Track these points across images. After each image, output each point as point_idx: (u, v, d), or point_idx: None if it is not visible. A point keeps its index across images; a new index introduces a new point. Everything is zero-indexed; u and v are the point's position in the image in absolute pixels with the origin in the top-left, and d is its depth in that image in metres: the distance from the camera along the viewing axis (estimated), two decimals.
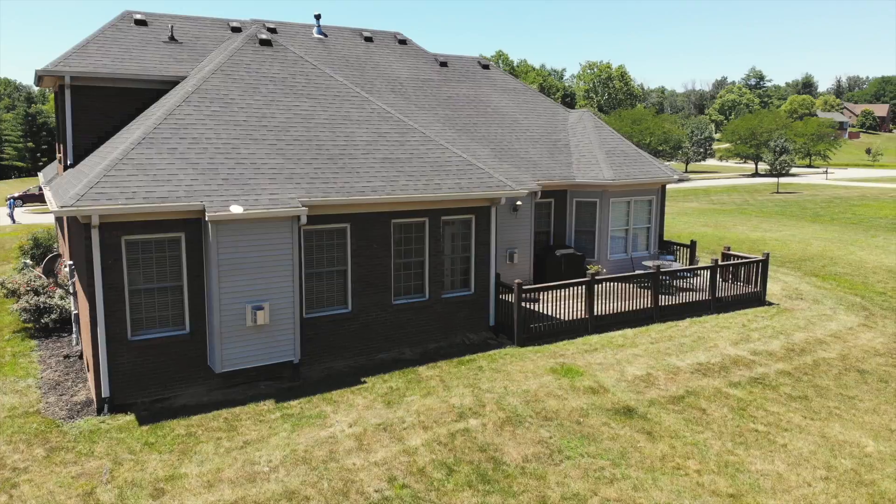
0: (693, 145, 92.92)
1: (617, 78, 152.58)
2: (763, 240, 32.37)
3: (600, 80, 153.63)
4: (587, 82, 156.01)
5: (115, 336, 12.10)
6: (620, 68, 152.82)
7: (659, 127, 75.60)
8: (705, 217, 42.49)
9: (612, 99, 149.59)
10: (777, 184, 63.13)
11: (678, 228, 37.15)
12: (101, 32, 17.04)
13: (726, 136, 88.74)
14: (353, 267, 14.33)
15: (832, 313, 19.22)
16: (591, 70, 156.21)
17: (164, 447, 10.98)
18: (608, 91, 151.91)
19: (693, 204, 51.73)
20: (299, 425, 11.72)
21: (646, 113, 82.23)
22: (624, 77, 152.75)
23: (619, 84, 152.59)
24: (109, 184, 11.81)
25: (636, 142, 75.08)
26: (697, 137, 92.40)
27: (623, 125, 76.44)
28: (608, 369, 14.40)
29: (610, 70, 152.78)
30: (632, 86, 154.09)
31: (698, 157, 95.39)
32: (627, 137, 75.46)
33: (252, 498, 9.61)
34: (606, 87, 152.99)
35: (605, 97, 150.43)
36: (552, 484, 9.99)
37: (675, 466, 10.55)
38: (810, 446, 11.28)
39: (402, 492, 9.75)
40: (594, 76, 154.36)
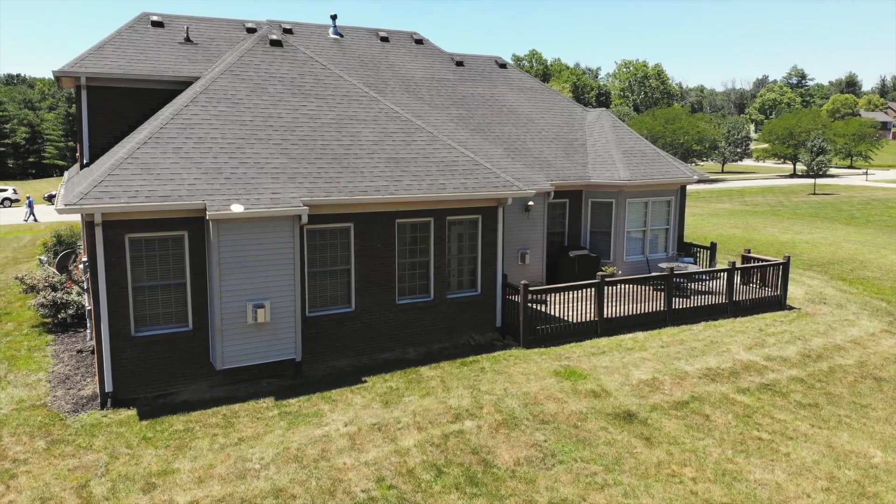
0: (729, 145, 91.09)
1: (653, 76, 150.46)
2: (793, 242, 31.55)
3: (636, 78, 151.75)
4: (623, 81, 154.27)
5: (118, 332, 12.32)
6: (657, 67, 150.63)
7: (693, 126, 74.19)
8: (736, 218, 41.60)
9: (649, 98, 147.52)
10: (814, 185, 61.49)
11: (707, 230, 36.47)
12: (118, 34, 17.40)
13: (764, 135, 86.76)
14: (357, 266, 14.36)
15: (855, 318, 18.62)
16: (626, 69, 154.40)
17: (160, 442, 11.15)
18: (644, 90, 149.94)
19: (725, 205, 50.70)
20: (295, 423, 11.78)
21: (680, 112, 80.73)
22: (660, 76, 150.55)
23: (656, 83, 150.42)
24: (113, 183, 12.03)
25: (669, 141, 73.91)
26: (734, 137, 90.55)
27: (656, 124, 75.29)
28: (613, 373, 14.16)
29: (646, 69, 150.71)
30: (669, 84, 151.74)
31: (735, 157, 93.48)
32: (660, 137, 74.42)
33: (240, 495, 9.69)
34: (643, 85, 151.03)
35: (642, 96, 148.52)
36: (541, 488, 9.86)
37: (670, 473, 10.31)
38: (814, 456, 10.92)
39: (389, 492, 9.72)
40: (630, 75, 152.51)
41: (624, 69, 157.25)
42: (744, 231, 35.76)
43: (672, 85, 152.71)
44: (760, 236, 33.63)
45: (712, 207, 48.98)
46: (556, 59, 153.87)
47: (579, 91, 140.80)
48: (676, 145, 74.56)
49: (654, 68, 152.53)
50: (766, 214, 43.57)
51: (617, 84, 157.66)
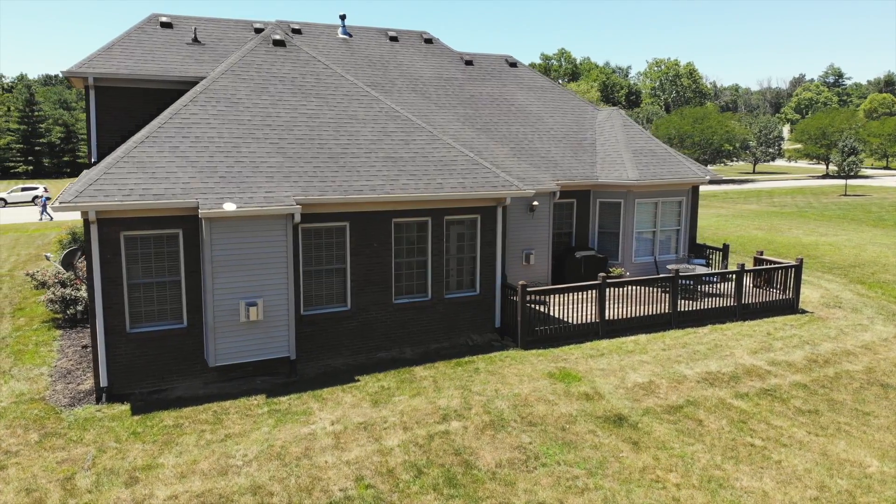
0: (761, 145, 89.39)
1: (685, 75, 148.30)
2: (816, 244, 30.81)
3: (667, 77, 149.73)
4: (654, 80, 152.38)
5: (113, 328, 12.53)
6: (689, 65, 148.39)
7: (722, 126, 72.89)
8: (761, 220, 40.77)
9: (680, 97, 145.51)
10: (845, 186, 59.95)
11: (729, 231, 35.84)
12: (127, 34, 17.71)
13: (796, 135, 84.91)
14: (353, 265, 14.39)
15: (869, 323, 18.09)
16: (657, 67, 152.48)
17: (148, 437, 11.30)
18: (676, 89, 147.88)
19: (752, 206, 49.74)
20: (283, 421, 11.85)
21: (709, 111, 79.39)
22: (692, 74, 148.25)
23: (688, 81, 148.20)
24: (109, 181, 12.24)
25: (697, 141, 72.77)
26: (766, 137, 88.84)
27: (684, 123, 74.18)
28: (609, 375, 13.97)
29: (678, 67, 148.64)
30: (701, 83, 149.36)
31: (767, 157, 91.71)
32: (688, 136, 73.29)
33: (218, 491, 9.77)
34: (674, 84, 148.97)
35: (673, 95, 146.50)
36: (519, 491, 9.75)
37: (653, 479, 10.12)
38: (807, 464, 10.62)
39: (366, 492, 9.71)
40: (661, 74, 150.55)
41: (655, 68, 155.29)
42: (767, 233, 35.04)
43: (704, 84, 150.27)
44: (783, 238, 32.91)
45: (738, 208, 48.11)
46: (585, 57, 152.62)
47: (608, 90, 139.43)
48: (705, 145, 73.37)
49: (686, 67, 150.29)
50: (792, 216, 42.63)
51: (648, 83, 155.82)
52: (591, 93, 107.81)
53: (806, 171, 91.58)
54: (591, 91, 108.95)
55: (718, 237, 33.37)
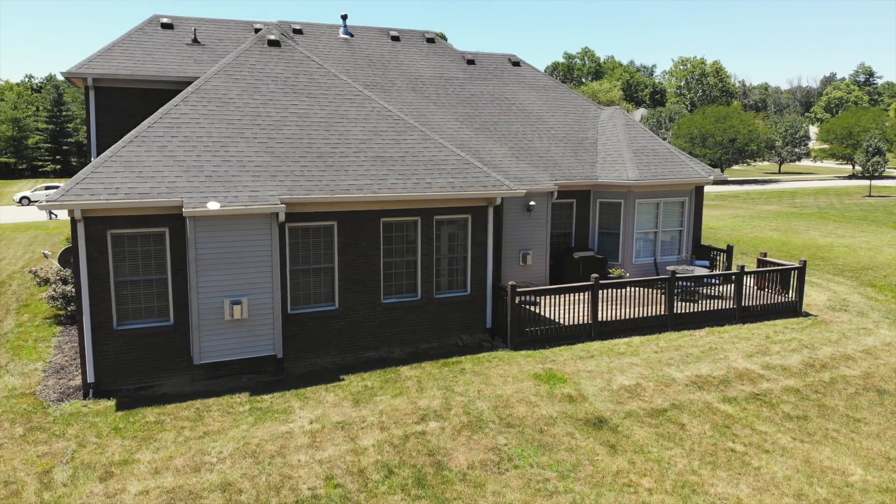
0: (787, 145, 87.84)
1: (711, 74, 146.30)
2: (831, 246, 30.17)
3: (693, 76, 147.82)
4: (679, 79, 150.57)
5: (100, 325, 12.72)
6: (715, 64, 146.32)
7: (745, 125, 71.71)
8: (779, 221, 40.05)
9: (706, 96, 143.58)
10: (870, 187, 58.62)
11: (744, 232, 35.27)
12: (128, 36, 17.96)
13: (822, 135, 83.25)
14: (340, 265, 14.42)
15: (873, 327, 17.65)
16: (683, 66, 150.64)
17: (129, 433, 11.45)
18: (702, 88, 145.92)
19: (773, 207, 48.89)
20: (262, 419, 11.92)
21: (732, 110, 78.14)
22: (719, 73, 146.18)
23: (714, 80, 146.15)
24: (96, 180, 12.42)
25: (719, 140, 71.72)
26: (792, 136, 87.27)
27: (706, 122, 73.14)
28: (596, 377, 13.82)
29: (704, 66, 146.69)
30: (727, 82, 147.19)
31: (793, 157, 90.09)
32: (710, 135, 72.25)
33: (189, 487, 9.86)
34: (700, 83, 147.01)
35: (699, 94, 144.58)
36: (488, 493, 9.69)
37: (626, 483, 9.98)
38: (787, 471, 10.39)
39: (334, 491, 9.72)
40: (686, 72, 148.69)
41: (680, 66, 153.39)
42: (783, 234, 34.41)
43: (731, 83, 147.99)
44: (798, 239, 32.28)
45: (758, 209, 47.32)
46: (609, 56, 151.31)
47: (632, 89, 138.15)
48: (727, 144, 72.29)
49: (713, 65, 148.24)
50: (811, 217, 41.80)
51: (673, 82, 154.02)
52: (612, 92, 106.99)
53: (832, 171, 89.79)
54: (613, 90, 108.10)
55: (732, 238, 32.87)
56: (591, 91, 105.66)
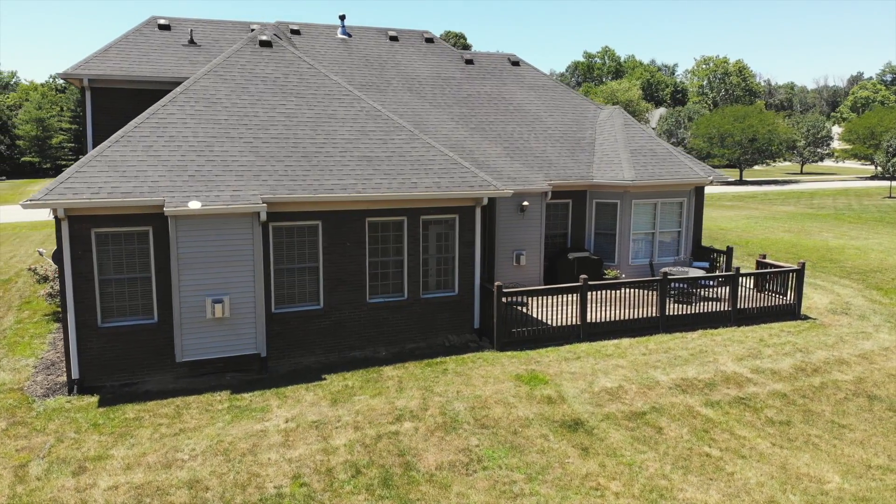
0: (809, 145, 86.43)
1: (734, 73, 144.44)
2: (842, 248, 29.61)
3: (716, 75, 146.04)
4: (701, 78, 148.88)
5: (84, 322, 12.89)
6: (738, 63, 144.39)
7: (764, 124, 70.63)
8: (792, 222, 39.41)
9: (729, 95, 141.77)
10: (890, 188, 57.43)
11: (756, 233, 34.77)
12: (125, 37, 18.20)
13: (844, 135, 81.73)
14: (325, 264, 14.47)
15: (873, 331, 17.29)
16: (706, 65, 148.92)
17: (107, 429, 11.59)
18: (725, 87, 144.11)
19: (789, 208, 48.13)
20: (239, 417, 12.00)
21: (750, 109, 76.99)
22: (742, 72, 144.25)
23: (737, 79, 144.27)
24: (79, 179, 12.59)
25: (737, 140, 70.76)
26: (814, 136, 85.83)
27: (724, 122, 72.19)
28: (578, 379, 13.70)
29: (727, 65, 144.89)
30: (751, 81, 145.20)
31: (815, 157, 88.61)
32: (728, 135, 71.29)
33: (158, 483, 9.95)
34: (723, 82, 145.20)
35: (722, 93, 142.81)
36: (452, 494, 9.65)
37: (594, 487, 9.88)
38: (761, 477, 10.21)
39: (299, 490, 9.75)
40: (709, 71, 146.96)
41: (703, 65, 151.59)
42: (795, 236, 33.85)
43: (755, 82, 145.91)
44: (809, 241, 31.73)
45: (774, 210, 46.63)
46: (630, 55, 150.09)
47: (652, 88, 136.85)
48: (746, 144, 71.29)
49: (736, 64, 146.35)
50: (827, 218, 41.07)
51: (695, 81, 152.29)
52: (631, 91, 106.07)
53: (855, 171, 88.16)
54: (632, 90, 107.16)
55: (742, 240, 32.43)
56: (610, 91, 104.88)
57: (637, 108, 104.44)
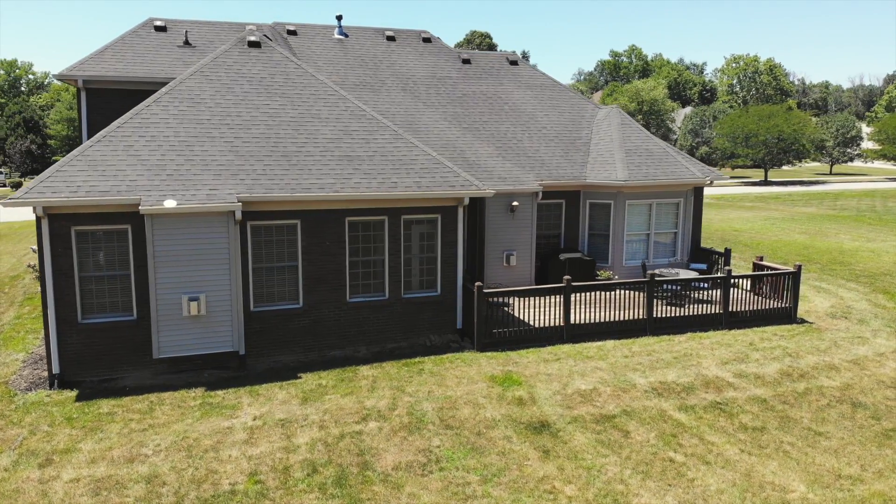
0: (838, 145, 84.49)
1: (765, 72, 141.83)
2: (856, 250, 28.89)
3: (746, 74, 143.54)
4: (731, 76, 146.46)
5: (64, 318, 13.15)
6: (769, 61, 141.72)
7: (789, 124, 69.19)
8: (810, 224, 38.56)
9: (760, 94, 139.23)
10: None
11: (770, 235, 34.11)
12: (121, 38, 18.52)
13: (873, 134, 79.69)
14: (305, 263, 14.55)
15: (871, 336, 16.82)
16: (735, 63, 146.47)
17: (79, 423, 11.81)
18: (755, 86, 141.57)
19: (810, 209, 47.11)
20: (209, 414, 12.13)
21: (776, 109, 75.46)
22: (773, 71, 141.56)
23: (768, 78, 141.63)
24: (59, 178, 12.85)
25: (761, 140, 69.47)
26: (844, 136, 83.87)
27: (748, 121, 70.92)
28: (553, 381, 13.57)
29: (757, 63, 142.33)
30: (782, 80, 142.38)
31: (844, 158, 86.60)
32: (753, 135, 70.00)
33: (118, 477, 10.11)
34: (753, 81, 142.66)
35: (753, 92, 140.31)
36: (403, 495, 9.63)
37: (548, 490, 9.78)
38: (722, 484, 10.00)
39: (252, 487, 9.82)
40: (739, 70, 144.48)
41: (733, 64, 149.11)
42: (810, 237, 33.11)
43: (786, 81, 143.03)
44: (823, 243, 31.01)
45: (795, 211, 45.68)
46: (657, 54, 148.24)
47: (679, 87, 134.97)
48: (771, 144, 69.95)
49: (766, 63, 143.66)
50: (846, 220, 40.09)
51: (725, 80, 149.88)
52: (656, 90, 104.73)
53: (885, 172, 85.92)
54: (657, 88, 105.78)
55: (754, 241, 31.84)
56: (634, 90, 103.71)
57: (662, 108, 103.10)
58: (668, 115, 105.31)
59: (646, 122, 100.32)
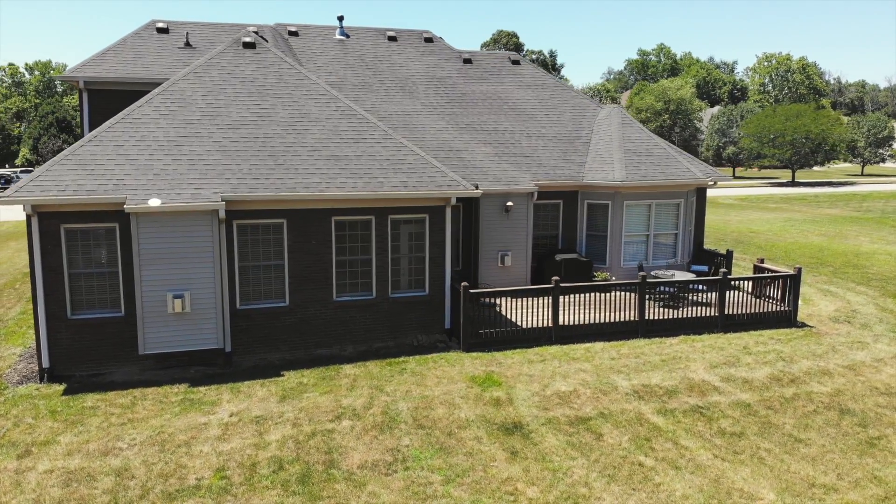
0: (869, 145, 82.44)
1: (798, 71, 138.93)
2: (873, 253, 28.16)
3: (778, 73, 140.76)
4: (762, 75, 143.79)
5: (54, 314, 13.46)
6: (802, 60, 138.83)
7: (817, 124, 67.68)
8: (831, 225, 37.71)
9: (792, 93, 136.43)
10: None
11: (788, 237, 33.45)
12: (123, 40, 18.89)
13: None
14: (291, 262, 14.68)
15: (872, 341, 16.40)
16: (768, 62, 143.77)
17: (62, 416, 12.08)
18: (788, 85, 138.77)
19: (835, 211, 46.08)
20: (188, 410, 12.31)
21: (804, 108, 73.83)
22: (806, 70, 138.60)
23: (800, 77, 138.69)
24: (49, 178, 13.16)
25: (789, 140, 68.10)
26: (875, 137, 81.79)
27: (775, 121, 69.57)
28: (534, 382, 13.49)
29: (790, 62, 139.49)
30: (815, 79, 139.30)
31: (876, 158, 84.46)
32: (779, 135, 68.64)
33: (90, 469, 10.31)
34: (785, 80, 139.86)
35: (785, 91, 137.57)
36: (364, 494, 9.67)
37: (509, 491, 9.73)
38: (689, 490, 9.84)
39: (217, 482, 9.95)
40: (771, 69, 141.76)
41: (765, 63, 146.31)
42: (828, 240, 32.38)
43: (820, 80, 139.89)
44: (840, 246, 30.29)
45: (818, 213, 44.72)
46: (686, 52, 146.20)
47: (708, 86, 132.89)
48: (798, 144, 68.52)
49: (799, 62, 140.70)
50: (869, 222, 39.11)
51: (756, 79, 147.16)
52: (683, 89, 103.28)
53: None
54: (685, 87, 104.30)
55: (769, 243, 31.24)
56: (661, 89, 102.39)
57: (689, 107, 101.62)
58: (695, 115, 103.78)
59: (672, 121, 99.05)
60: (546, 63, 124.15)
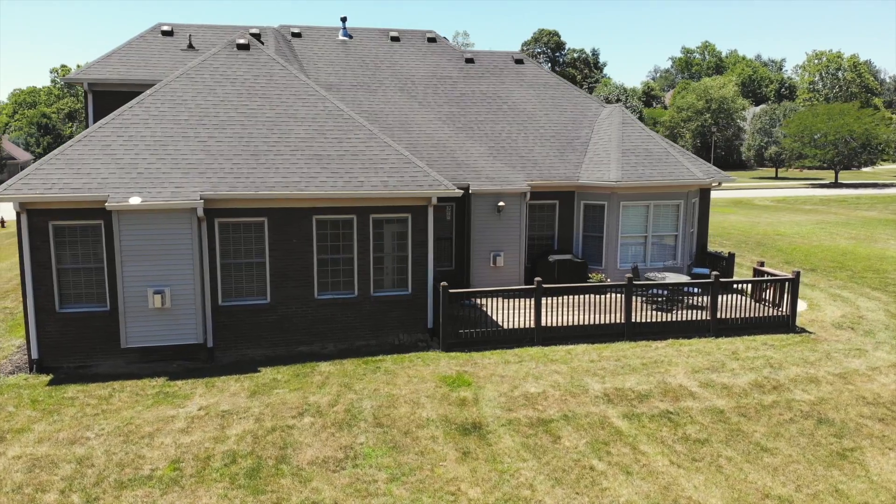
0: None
1: (849, 69, 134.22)
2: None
3: (828, 71, 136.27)
4: (812, 73, 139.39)
5: (43, 307, 13.99)
6: (853, 58, 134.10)
7: (860, 124, 65.33)
8: (863, 228, 36.39)
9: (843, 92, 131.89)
10: None
11: (815, 239, 32.45)
12: (128, 43, 19.47)
13: None
14: (272, 260, 14.92)
15: (871, 349, 15.80)
16: (817, 60, 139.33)
17: (42, 405, 12.55)
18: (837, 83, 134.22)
19: (871, 213, 44.44)
20: (160, 402, 12.64)
21: (847, 107, 71.33)
22: (857, 68, 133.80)
23: (851, 75, 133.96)
24: (37, 176, 13.68)
25: (831, 140, 65.92)
26: None
27: (817, 120, 67.44)
28: (504, 383, 13.42)
29: (840, 60, 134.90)
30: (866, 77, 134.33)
31: None
32: (822, 135, 66.51)
33: (54, 457, 10.69)
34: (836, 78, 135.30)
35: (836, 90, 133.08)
36: (307, 489, 9.78)
37: (451, 491, 9.72)
38: (634, 496, 9.67)
39: (169, 473, 10.20)
40: (820, 67, 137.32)
41: (814, 60, 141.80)
42: (856, 243, 31.26)
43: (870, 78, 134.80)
44: (866, 249, 29.21)
45: (853, 215, 43.21)
46: (732, 50, 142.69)
47: (754, 84, 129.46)
48: (841, 145, 66.27)
49: (850, 59, 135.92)
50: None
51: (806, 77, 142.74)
52: (727, 87, 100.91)
53: None
54: (728, 86, 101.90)
55: (792, 246, 30.33)
56: (703, 87, 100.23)
57: (732, 106, 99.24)
58: (738, 114, 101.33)
59: (714, 120, 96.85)
60: (588, 62, 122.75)
